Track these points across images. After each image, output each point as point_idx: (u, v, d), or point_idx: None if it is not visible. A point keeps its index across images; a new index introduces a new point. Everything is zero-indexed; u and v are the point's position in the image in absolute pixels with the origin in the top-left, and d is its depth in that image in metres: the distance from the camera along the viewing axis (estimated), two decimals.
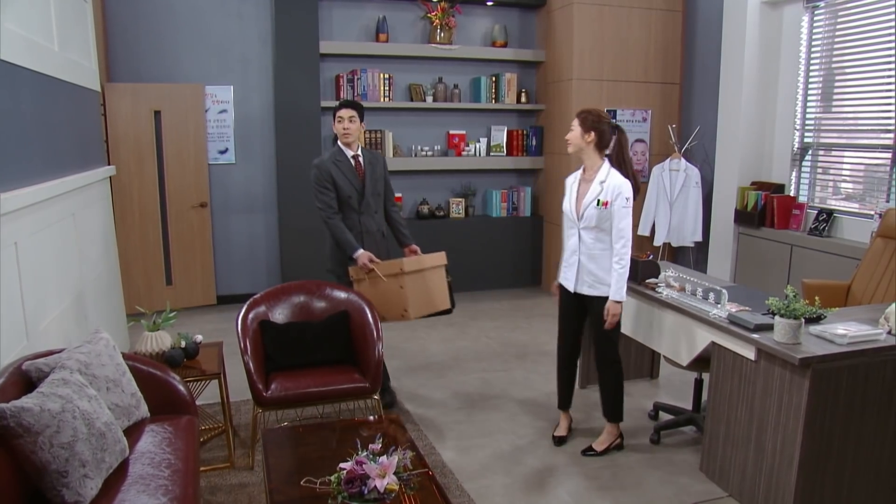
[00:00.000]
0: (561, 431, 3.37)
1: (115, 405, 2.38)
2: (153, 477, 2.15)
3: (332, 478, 2.12)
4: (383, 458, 2.10)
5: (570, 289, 3.17)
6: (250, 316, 3.20)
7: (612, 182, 2.97)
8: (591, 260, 3.06)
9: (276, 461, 2.43)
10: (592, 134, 2.99)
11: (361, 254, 3.46)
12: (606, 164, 3.04)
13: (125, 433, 2.40)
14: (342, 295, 3.40)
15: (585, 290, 3.10)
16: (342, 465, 2.12)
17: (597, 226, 3.01)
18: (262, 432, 2.69)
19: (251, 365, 2.97)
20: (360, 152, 3.64)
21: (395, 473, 2.09)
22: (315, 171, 3.55)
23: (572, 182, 3.16)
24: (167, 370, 2.74)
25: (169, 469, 2.21)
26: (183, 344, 3.10)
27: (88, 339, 2.49)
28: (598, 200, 2.97)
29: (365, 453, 2.15)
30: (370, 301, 3.36)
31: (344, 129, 3.51)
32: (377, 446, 2.18)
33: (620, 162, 3.05)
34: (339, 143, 3.60)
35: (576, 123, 3.02)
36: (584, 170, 3.12)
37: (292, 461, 2.45)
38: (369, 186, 3.62)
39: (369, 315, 3.26)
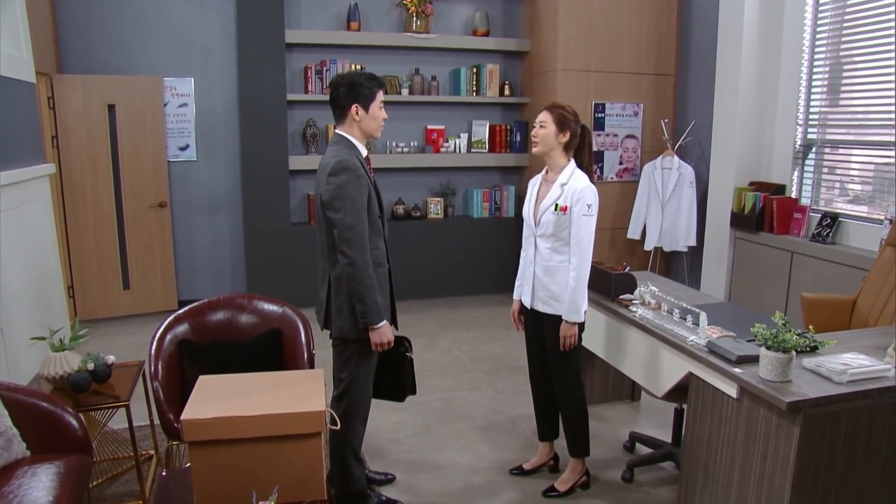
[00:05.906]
0: (528, 465, 2.99)
1: None
2: None
3: None
4: None
5: (528, 305, 2.79)
6: (168, 336, 2.83)
7: (573, 185, 2.60)
8: (547, 273, 2.68)
9: None
10: (567, 133, 2.63)
11: (386, 327, 2.45)
12: (572, 164, 2.68)
13: None
14: (276, 310, 3.02)
15: (540, 307, 2.73)
16: None
17: (553, 234, 2.63)
18: (157, 478, 2.32)
19: (160, 392, 2.60)
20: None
21: None
22: (349, 175, 2.33)
23: (534, 184, 2.80)
24: (56, 401, 2.38)
25: None
26: (91, 366, 2.73)
27: None
28: (557, 205, 2.61)
29: None
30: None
31: (384, 118, 2.53)
32: None
33: (585, 164, 2.69)
34: (350, 137, 2.45)
35: (549, 120, 2.63)
36: (546, 171, 2.74)
37: None
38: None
39: (303, 333, 2.88)
